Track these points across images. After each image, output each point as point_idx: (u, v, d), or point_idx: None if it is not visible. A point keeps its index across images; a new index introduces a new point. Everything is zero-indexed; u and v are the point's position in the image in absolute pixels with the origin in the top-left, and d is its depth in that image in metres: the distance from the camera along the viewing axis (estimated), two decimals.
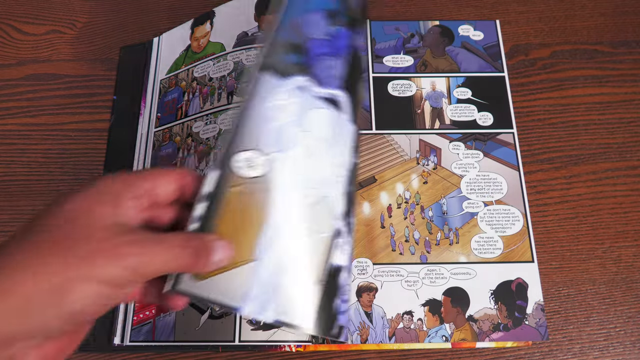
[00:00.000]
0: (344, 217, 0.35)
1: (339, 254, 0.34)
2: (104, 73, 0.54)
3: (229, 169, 0.32)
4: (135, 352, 0.43)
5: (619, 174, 0.50)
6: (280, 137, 0.33)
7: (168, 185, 0.30)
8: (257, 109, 0.33)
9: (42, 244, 0.25)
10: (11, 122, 0.52)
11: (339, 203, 0.35)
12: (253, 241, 0.31)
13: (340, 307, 0.33)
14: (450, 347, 0.43)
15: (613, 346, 0.44)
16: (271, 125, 0.33)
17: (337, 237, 0.34)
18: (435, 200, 0.48)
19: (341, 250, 0.34)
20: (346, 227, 0.35)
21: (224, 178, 0.31)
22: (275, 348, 0.42)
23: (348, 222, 0.35)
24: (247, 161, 0.32)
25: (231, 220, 0.31)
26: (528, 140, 0.51)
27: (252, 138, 0.33)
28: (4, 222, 0.48)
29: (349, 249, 0.35)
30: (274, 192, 0.32)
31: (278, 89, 0.34)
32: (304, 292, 0.32)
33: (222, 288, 0.30)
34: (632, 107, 0.53)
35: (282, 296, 0.31)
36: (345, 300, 0.34)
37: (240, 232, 0.31)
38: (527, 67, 0.55)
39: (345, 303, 0.34)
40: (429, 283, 0.44)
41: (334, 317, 0.33)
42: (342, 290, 0.34)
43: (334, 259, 0.34)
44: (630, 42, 0.56)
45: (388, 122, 0.51)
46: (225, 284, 0.30)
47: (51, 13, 0.57)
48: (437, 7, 0.58)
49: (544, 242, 0.48)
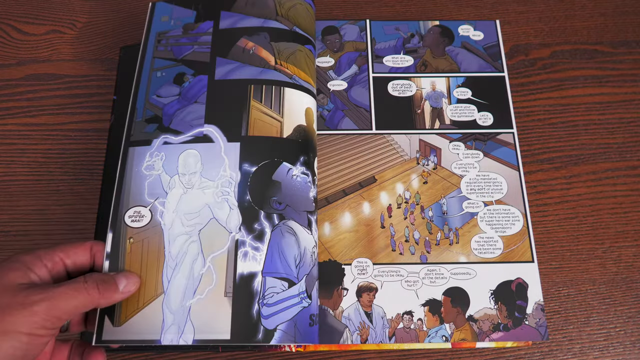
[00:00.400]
0: (245, 227, 0.40)
1: (247, 262, 0.39)
2: (104, 73, 0.54)
3: (122, 226, 0.39)
4: (135, 352, 0.43)
5: (619, 174, 0.50)
6: (155, 187, 0.41)
7: (80, 256, 0.36)
8: (131, 174, 0.42)
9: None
10: (11, 122, 0.52)
11: (234, 217, 0.40)
12: (158, 277, 0.38)
13: (264, 312, 0.37)
14: (450, 347, 0.43)
15: (613, 346, 0.44)
16: (146, 182, 0.41)
17: (240, 247, 0.39)
18: (435, 200, 0.48)
19: (249, 257, 0.39)
20: (250, 234, 0.39)
21: (119, 235, 0.39)
22: (275, 348, 0.42)
23: (253, 228, 0.39)
24: (134, 215, 0.40)
25: (135, 266, 0.38)
26: (528, 140, 0.51)
27: (134, 197, 0.41)
28: (4, 222, 0.48)
29: (260, 254, 0.39)
30: (165, 232, 0.40)
31: (144, 154, 0.42)
32: (216, 307, 0.37)
33: (141, 326, 0.36)
34: (632, 107, 0.53)
35: (196, 317, 0.37)
36: (271, 303, 0.37)
37: (145, 274, 0.38)
38: (527, 67, 0.55)
39: (271, 306, 0.37)
40: (429, 283, 0.44)
41: (255, 323, 0.37)
42: (261, 295, 0.38)
43: (242, 268, 0.38)
44: (630, 42, 0.56)
45: (388, 122, 0.51)
46: (142, 322, 0.36)
47: (51, 13, 0.57)
48: (437, 7, 0.58)
49: (544, 242, 0.48)
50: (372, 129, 0.50)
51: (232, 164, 0.42)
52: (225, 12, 0.49)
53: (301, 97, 0.45)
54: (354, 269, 0.45)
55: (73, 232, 0.47)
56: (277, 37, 0.47)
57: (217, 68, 0.46)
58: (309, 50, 0.48)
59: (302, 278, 0.40)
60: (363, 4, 0.58)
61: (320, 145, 0.50)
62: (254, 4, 0.49)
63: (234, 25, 0.48)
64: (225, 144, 0.43)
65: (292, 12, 0.48)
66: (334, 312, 0.43)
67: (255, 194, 0.41)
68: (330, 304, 0.44)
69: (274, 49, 0.46)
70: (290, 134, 0.43)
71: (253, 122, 0.43)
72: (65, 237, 0.47)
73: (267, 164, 0.42)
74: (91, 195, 0.49)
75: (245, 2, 0.49)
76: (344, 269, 0.45)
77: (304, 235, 0.41)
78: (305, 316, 0.39)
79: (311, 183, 0.43)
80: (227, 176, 0.41)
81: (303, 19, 0.49)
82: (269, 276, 0.39)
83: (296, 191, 0.42)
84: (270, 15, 0.48)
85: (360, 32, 0.55)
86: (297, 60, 0.46)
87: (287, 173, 0.42)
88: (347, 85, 0.52)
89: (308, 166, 0.43)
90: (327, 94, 0.52)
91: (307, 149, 0.44)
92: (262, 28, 0.47)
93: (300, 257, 0.40)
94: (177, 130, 0.44)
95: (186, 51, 0.48)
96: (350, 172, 0.49)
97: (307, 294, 0.40)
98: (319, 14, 0.58)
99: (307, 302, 0.39)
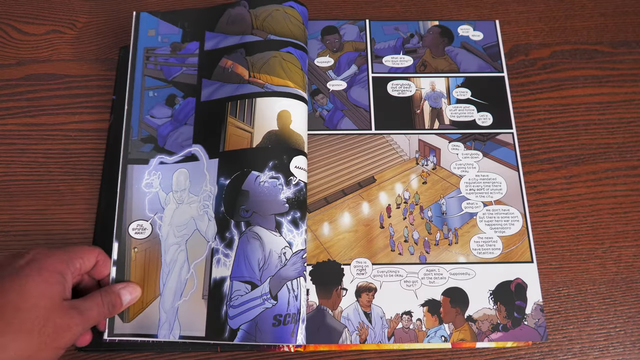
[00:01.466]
0: (218, 236, 0.43)
1: (219, 268, 0.42)
2: (104, 73, 0.54)
3: (127, 237, 0.44)
4: (135, 352, 0.43)
5: (619, 174, 0.50)
6: (154, 203, 0.45)
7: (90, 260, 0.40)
8: (132, 191, 0.46)
9: None
10: (11, 122, 0.52)
11: (211, 227, 0.43)
12: (156, 282, 0.43)
13: (230, 313, 0.41)
14: (450, 347, 0.43)
15: (613, 346, 0.44)
16: (146, 198, 0.45)
17: (215, 255, 0.43)
18: (435, 200, 0.48)
19: (221, 263, 0.42)
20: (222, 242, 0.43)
21: (124, 244, 0.44)
22: (274, 348, 0.42)
23: (224, 236, 0.43)
24: (137, 228, 0.45)
25: (139, 272, 0.43)
26: (528, 140, 0.51)
27: (136, 211, 0.45)
28: (4, 222, 0.48)
29: (229, 260, 0.42)
30: (162, 242, 0.44)
31: (142, 172, 0.46)
32: (196, 308, 0.42)
33: (143, 323, 0.42)
34: (632, 107, 0.53)
35: (182, 316, 0.42)
36: (236, 305, 0.41)
37: (147, 278, 0.43)
38: (527, 67, 0.55)
39: (236, 308, 0.41)
40: (428, 283, 0.44)
41: (223, 323, 0.41)
42: (228, 297, 0.41)
43: (215, 273, 0.42)
44: (630, 42, 0.56)
45: (387, 122, 0.51)
46: (144, 319, 0.42)
47: (51, 13, 0.57)
48: (437, 7, 0.58)
49: (543, 242, 0.47)
50: (371, 129, 0.50)
51: (212, 179, 0.45)
52: (210, 33, 0.50)
53: (274, 102, 0.46)
54: (353, 269, 0.45)
55: (73, 232, 0.47)
56: (252, 51, 0.48)
57: (202, 90, 0.48)
58: (286, 53, 0.48)
59: (266, 280, 0.41)
60: (363, 4, 0.58)
61: (320, 145, 0.50)
62: (234, 22, 0.50)
63: (217, 46, 0.50)
64: (207, 161, 0.45)
65: (267, 22, 0.49)
66: (333, 312, 0.43)
67: (227, 205, 0.44)
68: (329, 304, 0.44)
69: (248, 63, 0.47)
70: (260, 142, 0.45)
71: (229, 137, 0.45)
72: (65, 237, 0.47)
73: (237, 176, 0.44)
74: (91, 195, 0.49)
75: (226, 21, 0.50)
76: (343, 269, 0.45)
77: (269, 238, 0.42)
78: (269, 317, 0.41)
79: (283, 185, 0.43)
80: (207, 191, 0.45)
81: (280, 24, 0.49)
82: (236, 280, 0.42)
83: (263, 197, 0.43)
84: (247, 30, 0.49)
85: (360, 32, 0.55)
86: (270, 67, 0.47)
87: (255, 181, 0.43)
88: (347, 85, 0.52)
89: (279, 169, 0.44)
90: (326, 93, 0.52)
91: (278, 152, 0.44)
92: (239, 45, 0.49)
93: (265, 260, 0.42)
94: (171, 151, 0.47)
95: (175, 72, 0.50)
96: (349, 172, 0.49)
97: (271, 295, 0.41)
98: (319, 14, 0.58)
99: (270, 303, 0.41)
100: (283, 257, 0.42)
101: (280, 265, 0.42)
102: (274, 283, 0.41)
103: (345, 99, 0.52)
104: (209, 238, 0.43)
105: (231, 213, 0.43)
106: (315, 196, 0.48)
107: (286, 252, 0.42)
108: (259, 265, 0.42)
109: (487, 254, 0.45)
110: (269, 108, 0.46)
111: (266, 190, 0.43)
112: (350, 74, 0.53)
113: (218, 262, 0.42)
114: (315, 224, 0.46)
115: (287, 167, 0.44)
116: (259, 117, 0.45)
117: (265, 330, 0.40)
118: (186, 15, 0.52)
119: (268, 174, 0.43)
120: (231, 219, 0.43)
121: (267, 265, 0.42)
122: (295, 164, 0.44)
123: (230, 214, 0.43)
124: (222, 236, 0.43)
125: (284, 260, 0.42)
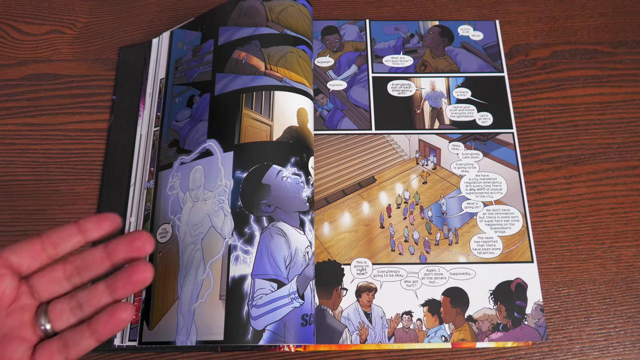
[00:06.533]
0: (236, 232, 0.41)
1: (238, 265, 0.40)
2: (103, 73, 0.54)
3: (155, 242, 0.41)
4: (135, 352, 0.43)
5: (619, 174, 0.50)
6: (175, 205, 0.45)
7: (30, 252, 0.30)
8: (161, 195, 0.46)
9: None
10: (11, 122, 0.52)
11: (228, 223, 0.41)
12: (175, 285, 0.41)
13: (253, 313, 0.38)
14: (450, 347, 0.43)
15: (613, 346, 0.44)
16: (169, 200, 0.45)
17: (232, 252, 0.40)
18: (435, 200, 0.48)
19: (240, 261, 0.40)
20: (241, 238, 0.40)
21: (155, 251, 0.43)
22: (275, 348, 0.42)
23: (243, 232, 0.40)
24: (162, 232, 0.44)
25: (162, 276, 0.43)
26: (528, 140, 0.51)
27: (162, 216, 0.45)
28: (4, 222, 0.48)
29: (250, 257, 0.40)
30: (180, 243, 0.43)
31: (168, 177, 0.46)
32: (212, 310, 0.39)
33: (164, 329, 0.40)
34: (632, 107, 0.53)
35: (199, 319, 0.39)
36: (260, 304, 0.39)
37: (168, 282, 0.42)
38: (527, 67, 0.55)
39: (260, 307, 0.38)
40: (428, 283, 0.44)
41: (245, 324, 0.38)
42: (250, 296, 0.39)
43: (234, 272, 0.40)
44: (630, 42, 0.56)
45: (387, 122, 0.51)
46: (165, 325, 0.40)
47: (51, 13, 0.57)
48: (437, 7, 0.58)
49: (543, 242, 0.47)
50: (371, 129, 0.50)
51: (227, 173, 0.43)
52: (223, 27, 0.49)
53: (293, 98, 0.45)
54: (353, 269, 0.45)
55: None
56: (268, 43, 0.47)
57: (216, 84, 0.47)
58: (302, 50, 0.48)
59: (293, 278, 0.40)
60: (363, 4, 0.58)
61: (320, 145, 0.50)
62: (246, 14, 0.49)
63: (229, 39, 0.48)
64: (222, 155, 0.44)
65: (282, 16, 0.48)
66: (333, 312, 0.43)
67: (246, 199, 0.41)
68: (329, 304, 0.44)
69: (264, 55, 0.46)
70: (281, 136, 0.43)
71: (244, 129, 0.44)
72: None
73: (257, 169, 0.42)
74: (91, 195, 0.49)
75: (238, 13, 0.49)
76: (343, 269, 0.45)
77: (294, 235, 0.41)
78: (297, 316, 0.39)
79: (304, 183, 0.43)
80: (222, 185, 0.43)
81: (295, 20, 0.48)
82: (258, 278, 0.39)
83: (286, 192, 0.42)
84: (261, 22, 0.48)
85: (360, 32, 0.55)
86: (287, 62, 0.46)
87: (277, 175, 0.42)
88: (347, 85, 0.52)
89: (300, 166, 0.43)
90: (326, 93, 0.52)
91: (299, 149, 0.43)
92: (253, 36, 0.47)
93: (291, 258, 0.40)
94: (189, 150, 0.46)
95: (195, 73, 0.49)
96: (349, 172, 0.49)
97: (299, 294, 0.40)
98: (319, 14, 0.58)
99: (298, 303, 0.39)
100: (307, 256, 0.41)
101: (304, 264, 0.41)
102: (300, 282, 0.40)
103: (345, 99, 0.52)
104: (225, 235, 0.41)
105: (250, 207, 0.41)
106: (316, 196, 0.48)
107: (309, 252, 0.41)
108: (285, 263, 0.40)
109: (487, 254, 0.45)
110: (289, 103, 0.45)
111: (289, 186, 0.42)
112: (351, 74, 0.53)
113: (236, 260, 0.40)
114: (315, 224, 0.46)
115: (307, 166, 0.44)
116: (277, 111, 0.44)
117: (294, 331, 0.38)
118: (205, 17, 0.51)
119: (290, 170, 0.42)
120: (250, 214, 0.41)
121: (293, 263, 0.40)
122: (311, 164, 0.44)
123: (249, 208, 0.41)
124: (241, 232, 0.41)
125: (308, 259, 0.41)
